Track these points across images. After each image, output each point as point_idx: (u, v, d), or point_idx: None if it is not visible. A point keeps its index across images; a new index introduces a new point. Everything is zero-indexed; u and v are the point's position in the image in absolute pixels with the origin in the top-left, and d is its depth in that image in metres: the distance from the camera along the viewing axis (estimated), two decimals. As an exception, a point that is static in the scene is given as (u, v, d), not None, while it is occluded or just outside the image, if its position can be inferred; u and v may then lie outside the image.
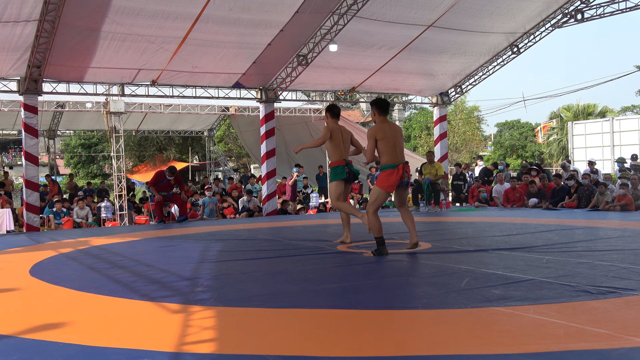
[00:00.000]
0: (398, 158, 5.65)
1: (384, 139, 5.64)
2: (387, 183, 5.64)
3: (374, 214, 5.68)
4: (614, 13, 12.09)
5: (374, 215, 5.68)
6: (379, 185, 5.71)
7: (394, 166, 5.61)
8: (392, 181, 5.61)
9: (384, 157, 5.69)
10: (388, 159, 5.65)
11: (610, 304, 3.43)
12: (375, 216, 5.68)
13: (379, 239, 5.66)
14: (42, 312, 3.79)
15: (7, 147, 38.55)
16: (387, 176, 5.65)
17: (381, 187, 5.69)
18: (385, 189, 5.69)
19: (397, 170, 5.59)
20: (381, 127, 5.70)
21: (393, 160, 5.62)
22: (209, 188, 14.30)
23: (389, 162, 5.63)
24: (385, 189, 5.69)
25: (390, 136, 5.66)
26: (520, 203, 12.65)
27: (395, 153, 5.64)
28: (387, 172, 5.66)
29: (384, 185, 5.67)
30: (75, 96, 13.57)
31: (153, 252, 6.97)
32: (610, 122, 19.98)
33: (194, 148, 30.12)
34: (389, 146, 5.63)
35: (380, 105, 5.79)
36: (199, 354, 2.74)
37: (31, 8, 8.98)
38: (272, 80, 13.35)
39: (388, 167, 5.65)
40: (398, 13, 11.48)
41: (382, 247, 5.65)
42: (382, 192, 5.73)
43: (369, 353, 2.69)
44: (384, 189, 5.69)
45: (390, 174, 5.62)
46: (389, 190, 5.74)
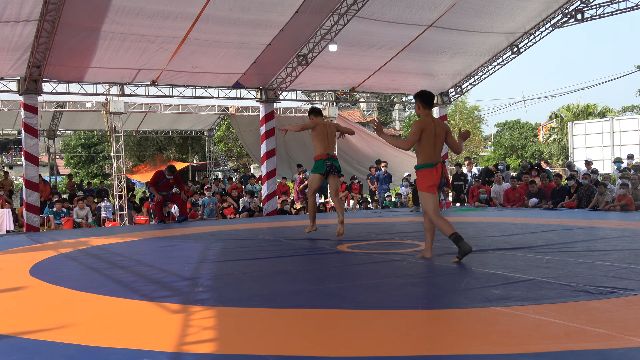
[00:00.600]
0: (436, 157, 5.29)
1: (427, 137, 5.27)
2: (427, 183, 5.27)
3: (435, 216, 5.27)
4: (614, 13, 12.09)
5: (436, 217, 5.27)
6: (421, 188, 5.32)
7: (431, 165, 5.25)
8: (433, 180, 5.23)
9: (422, 155, 5.31)
10: (425, 158, 5.28)
11: (610, 304, 3.43)
12: (437, 218, 5.26)
13: (453, 236, 5.17)
14: (42, 312, 3.79)
15: (7, 147, 38.54)
16: (425, 175, 5.29)
17: (423, 189, 5.30)
18: (427, 189, 5.27)
19: (436, 169, 5.24)
20: (428, 121, 5.31)
21: (431, 159, 5.26)
22: (208, 188, 14.30)
23: (427, 161, 5.27)
24: (427, 190, 5.27)
25: (433, 135, 5.28)
26: (520, 203, 12.65)
27: (434, 152, 5.27)
28: (424, 171, 5.31)
29: (425, 186, 5.28)
30: (75, 96, 13.57)
31: (153, 252, 6.96)
32: (610, 122, 20.00)
33: (194, 148, 30.11)
34: (431, 145, 5.26)
35: (424, 98, 5.37)
36: (199, 354, 2.74)
37: (31, 8, 8.98)
38: (272, 80, 13.35)
39: (425, 165, 5.29)
40: (398, 13, 11.48)
41: (462, 242, 5.11)
42: (426, 194, 5.29)
43: (369, 353, 2.69)
44: (426, 190, 5.28)
45: (429, 173, 5.27)
46: (432, 191, 5.26)
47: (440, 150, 5.37)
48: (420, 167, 5.34)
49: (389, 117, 43.15)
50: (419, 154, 5.34)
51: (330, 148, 7.22)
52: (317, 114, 7.37)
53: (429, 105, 5.39)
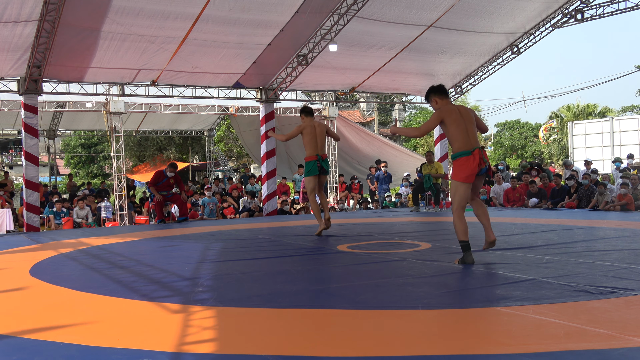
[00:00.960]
0: (472, 143, 4.90)
1: (454, 123, 4.87)
2: (464, 173, 4.86)
3: (456, 212, 4.98)
4: (614, 13, 12.09)
5: (457, 214, 4.98)
6: (456, 177, 4.95)
7: (468, 152, 4.86)
8: (470, 170, 4.85)
9: (455, 143, 4.93)
10: (460, 145, 4.89)
11: (610, 304, 3.43)
12: (457, 216, 4.98)
13: (462, 243, 4.97)
14: (42, 312, 3.79)
15: (7, 147, 38.54)
16: (462, 165, 4.89)
17: (458, 179, 4.92)
18: (464, 180, 4.89)
19: (473, 157, 4.84)
20: (449, 108, 4.97)
21: (466, 146, 4.88)
22: (208, 188, 14.30)
23: (462, 149, 4.88)
24: (464, 180, 4.89)
25: (461, 119, 4.92)
26: (520, 203, 12.65)
27: (468, 138, 4.89)
28: (461, 160, 4.90)
29: (461, 176, 4.90)
30: (75, 96, 13.57)
31: (153, 252, 6.97)
32: (610, 122, 20.00)
33: (194, 148, 30.12)
34: (461, 130, 4.88)
35: (437, 91, 5.08)
36: (199, 354, 2.74)
37: (31, 8, 8.98)
38: (272, 80, 13.35)
39: (461, 154, 4.89)
40: (398, 13, 11.49)
41: (467, 253, 4.94)
42: (461, 184, 4.93)
43: (369, 353, 2.69)
44: (462, 180, 4.90)
45: (466, 161, 4.86)
46: (469, 181, 4.90)
47: (475, 135, 4.98)
48: (455, 156, 4.96)
49: (389, 117, 43.16)
50: (452, 142, 4.97)
51: (319, 148, 7.49)
52: (308, 114, 7.60)
53: (446, 95, 5.10)
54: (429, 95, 5.15)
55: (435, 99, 5.09)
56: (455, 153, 4.97)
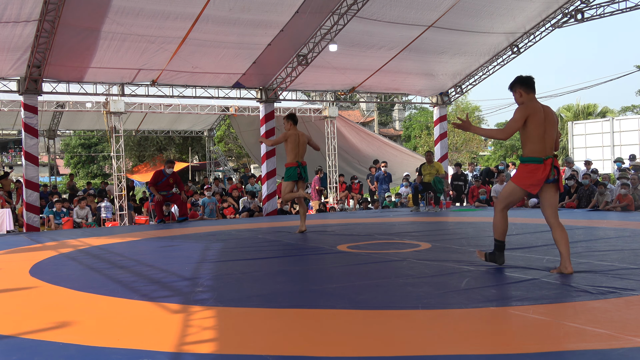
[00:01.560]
0: (546, 151, 4.40)
1: (534, 123, 4.37)
2: (528, 181, 4.41)
3: (501, 211, 4.62)
4: (614, 13, 12.10)
5: (501, 212, 4.62)
6: (516, 181, 4.50)
7: (540, 160, 4.36)
8: (536, 180, 4.38)
9: (528, 145, 4.41)
10: (533, 149, 4.38)
11: (610, 304, 3.43)
12: (501, 214, 4.62)
13: (497, 243, 4.66)
14: (42, 312, 3.79)
15: (7, 147, 38.54)
16: (528, 172, 4.41)
17: (518, 184, 4.47)
18: (525, 187, 4.45)
19: (544, 166, 4.35)
20: (535, 106, 4.42)
21: (540, 153, 4.37)
22: (208, 188, 14.31)
23: (534, 154, 4.38)
24: (524, 187, 4.45)
25: (542, 121, 4.39)
26: (520, 203, 12.66)
27: (544, 143, 4.39)
28: (529, 167, 4.41)
29: (522, 182, 4.45)
30: (75, 96, 13.57)
31: (153, 252, 6.97)
32: (610, 122, 19.99)
33: (194, 148, 30.12)
34: (538, 133, 4.37)
35: (524, 82, 4.52)
36: (199, 354, 2.74)
37: (31, 8, 8.99)
38: (272, 80, 13.35)
39: (532, 160, 4.39)
40: (398, 13, 11.49)
41: (499, 253, 4.65)
42: (519, 189, 4.51)
43: (369, 353, 2.69)
44: (522, 187, 4.47)
45: (534, 170, 4.38)
46: (530, 190, 4.47)
47: (552, 142, 4.46)
48: (525, 160, 4.46)
49: (389, 117, 43.15)
50: (526, 144, 4.44)
51: (300, 156, 8.01)
52: (294, 122, 8.11)
53: (532, 89, 4.52)
54: (513, 85, 4.57)
55: (520, 91, 4.52)
56: (525, 156, 4.47)
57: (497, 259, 4.68)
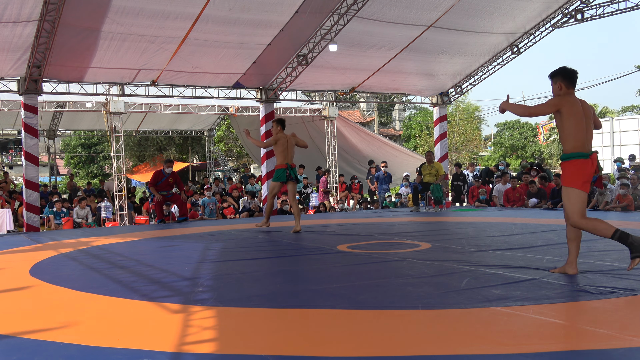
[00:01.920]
0: (589, 145, 4.17)
1: (573, 117, 4.07)
2: (582, 179, 4.10)
3: (585, 223, 4.19)
4: (614, 13, 12.10)
5: (586, 220, 4.18)
6: (571, 184, 4.15)
7: (586, 155, 4.10)
8: (588, 174, 4.11)
9: (569, 141, 4.11)
10: (577, 145, 4.09)
11: (610, 304, 3.43)
12: (587, 221, 4.18)
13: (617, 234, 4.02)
14: (42, 312, 3.78)
15: (7, 147, 38.54)
16: (579, 170, 4.10)
17: (575, 186, 4.13)
18: (581, 187, 4.12)
19: (591, 161, 4.11)
20: (573, 100, 4.15)
21: (584, 148, 4.11)
22: (208, 188, 14.31)
23: (579, 149, 4.09)
24: (581, 187, 4.12)
25: (582, 116, 4.11)
26: (520, 203, 12.65)
27: (587, 138, 4.14)
28: (577, 163, 4.11)
29: (578, 183, 4.11)
30: (75, 96, 13.58)
31: (153, 252, 6.96)
32: (610, 122, 20.00)
33: (194, 148, 30.12)
34: (581, 127, 4.09)
35: (566, 75, 4.21)
36: (199, 354, 2.74)
37: (31, 8, 8.99)
38: (272, 80, 13.35)
39: (578, 155, 4.10)
40: (398, 13, 11.49)
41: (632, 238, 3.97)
42: (579, 192, 4.13)
43: (369, 353, 2.69)
44: (579, 188, 4.12)
45: (583, 165, 4.09)
46: (586, 189, 4.14)
47: (592, 138, 4.26)
48: (570, 156, 4.14)
49: (389, 117, 43.15)
50: (567, 140, 4.14)
51: (289, 158, 8.37)
52: (283, 127, 8.47)
53: (573, 85, 4.23)
54: (554, 75, 4.28)
55: (562, 83, 4.22)
56: (569, 152, 4.15)
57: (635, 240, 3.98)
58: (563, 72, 4.24)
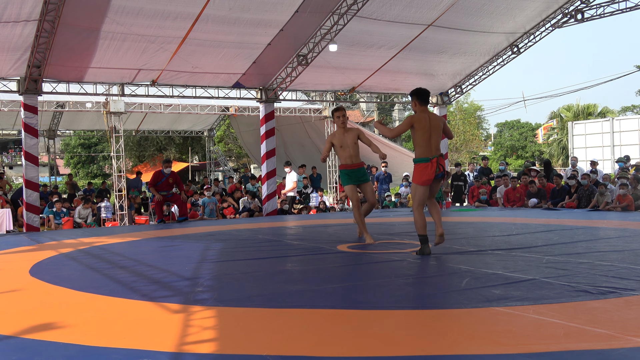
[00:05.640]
0: (432, 151, 5.45)
1: (420, 130, 5.43)
2: (422, 178, 5.47)
3: (418, 211, 5.56)
4: (614, 13, 12.09)
5: (419, 212, 5.55)
6: (415, 181, 5.56)
7: (427, 160, 5.44)
8: (427, 175, 5.44)
9: (417, 149, 5.51)
10: (421, 152, 5.48)
11: (610, 304, 3.43)
12: (419, 214, 5.55)
13: (422, 237, 5.55)
14: (42, 312, 3.78)
15: (7, 147, 38.54)
16: (421, 171, 5.48)
17: (417, 182, 5.53)
18: (422, 184, 5.50)
19: (431, 164, 5.42)
20: (421, 116, 5.47)
21: (427, 154, 5.44)
22: (208, 188, 14.31)
23: (422, 155, 5.47)
24: (422, 184, 5.50)
25: (428, 128, 5.44)
26: (520, 203, 12.65)
27: (430, 146, 5.44)
28: (421, 166, 5.49)
29: (419, 180, 5.50)
30: (75, 96, 13.57)
31: (153, 252, 6.96)
32: (610, 122, 20.00)
33: (194, 148, 30.11)
34: (425, 138, 5.43)
35: (420, 95, 5.55)
36: (199, 354, 2.74)
37: (31, 8, 8.98)
38: (272, 80, 13.35)
39: (422, 160, 5.49)
40: (397, 12, 11.48)
41: (425, 245, 5.52)
42: (420, 187, 5.54)
43: (369, 353, 2.69)
44: (420, 184, 5.51)
45: (424, 168, 5.45)
46: (426, 185, 5.50)
47: (438, 144, 5.50)
48: (416, 161, 5.53)
49: (389, 117, 43.15)
50: (415, 148, 5.54)
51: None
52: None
53: (425, 102, 5.56)
54: (412, 95, 5.59)
55: (415, 101, 5.56)
56: (415, 158, 5.54)
57: (424, 250, 5.49)
58: (417, 93, 5.54)
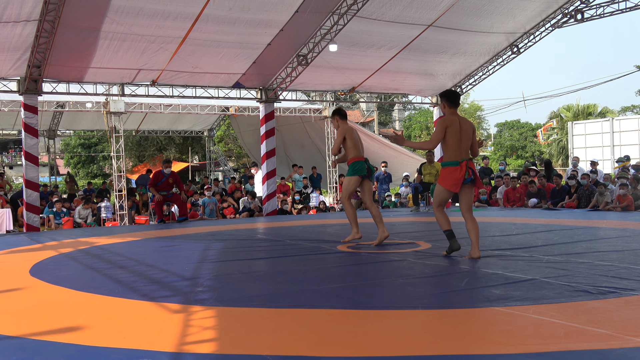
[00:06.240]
0: (462, 155, 5.30)
1: (451, 133, 5.28)
2: (450, 182, 5.29)
3: (438, 210, 5.47)
4: (614, 13, 12.09)
5: (439, 211, 5.46)
6: (441, 183, 5.39)
7: (456, 163, 5.27)
8: (455, 179, 5.26)
9: (446, 152, 5.37)
10: (450, 155, 5.33)
11: (610, 304, 3.43)
12: (439, 212, 5.46)
13: (447, 232, 5.45)
14: (42, 312, 3.79)
15: (7, 147, 38.53)
16: (449, 174, 5.32)
17: (442, 184, 5.36)
18: (448, 187, 5.32)
19: (460, 168, 5.25)
20: (452, 119, 5.34)
21: (457, 157, 5.28)
22: (208, 188, 14.31)
23: (451, 159, 5.31)
24: (447, 187, 5.33)
25: (458, 131, 5.29)
26: (520, 203, 12.65)
27: (460, 149, 5.29)
28: (449, 169, 5.33)
29: (445, 183, 5.33)
30: (75, 96, 13.57)
31: (153, 252, 6.96)
32: (610, 122, 19.98)
33: (194, 148, 30.09)
34: (455, 141, 5.28)
35: (450, 97, 5.40)
36: (199, 354, 2.74)
37: (31, 8, 8.98)
38: (272, 80, 13.35)
39: (450, 163, 5.32)
40: (398, 12, 11.49)
41: (452, 240, 5.41)
42: (443, 189, 5.38)
43: (369, 353, 2.69)
44: (446, 187, 5.34)
45: (452, 171, 5.28)
46: (452, 190, 5.34)
47: (467, 148, 5.36)
48: (444, 164, 5.39)
49: (389, 117, 43.16)
50: (445, 152, 5.38)
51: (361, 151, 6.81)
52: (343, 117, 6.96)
53: (455, 105, 5.41)
54: (442, 97, 5.44)
55: (445, 103, 5.39)
56: (444, 161, 5.40)
57: (453, 246, 5.41)
58: (446, 94, 5.39)
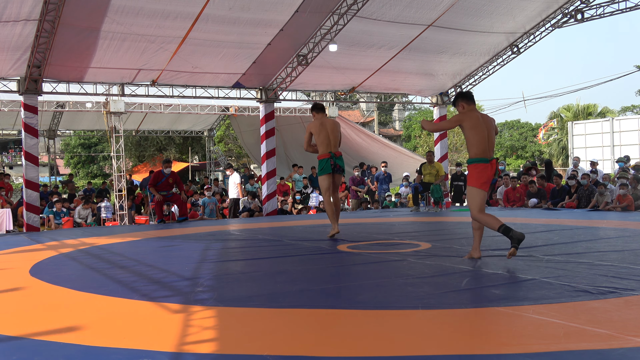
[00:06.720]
0: (490, 152, 4.96)
1: (474, 128, 4.89)
2: (482, 180, 4.92)
3: (480, 217, 5.03)
4: (614, 13, 12.09)
5: (482, 214, 5.02)
6: (473, 183, 4.98)
7: (486, 160, 4.91)
8: (487, 177, 4.92)
9: (473, 148, 4.94)
10: (479, 152, 4.91)
11: (610, 304, 3.43)
12: (483, 215, 5.02)
13: (502, 228, 4.87)
14: (42, 312, 3.79)
15: (7, 147, 38.52)
16: (480, 172, 4.93)
17: (476, 185, 4.96)
18: (481, 187, 4.94)
19: (491, 166, 4.91)
20: (472, 114, 4.97)
21: (486, 154, 4.92)
22: (208, 188, 14.31)
23: (480, 155, 4.91)
24: (480, 187, 4.94)
25: (483, 126, 4.93)
26: (520, 203, 12.65)
27: (487, 146, 4.93)
28: (479, 167, 4.93)
29: (478, 182, 4.94)
30: (75, 96, 13.58)
31: (153, 252, 6.96)
32: (610, 122, 20.00)
33: (194, 148, 30.10)
34: (482, 137, 4.90)
35: (466, 97, 5.11)
36: (199, 354, 2.75)
37: (31, 8, 8.98)
38: (272, 80, 13.35)
39: (480, 160, 4.92)
40: (398, 12, 11.48)
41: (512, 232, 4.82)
42: (479, 191, 4.97)
43: (369, 353, 2.69)
44: (479, 187, 4.95)
45: (484, 169, 4.91)
46: (485, 189, 4.96)
47: (493, 145, 5.06)
48: (474, 161, 4.97)
49: (389, 117, 43.17)
50: (471, 148, 4.98)
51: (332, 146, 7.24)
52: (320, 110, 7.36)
53: (472, 102, 5.13)
54: (457, 99, 5.16)
55: (463, 104, 5.10)
56: (472, 158, 4.97)
57: (517, 236, 4.82)
58: (461, 95, 5.14)
